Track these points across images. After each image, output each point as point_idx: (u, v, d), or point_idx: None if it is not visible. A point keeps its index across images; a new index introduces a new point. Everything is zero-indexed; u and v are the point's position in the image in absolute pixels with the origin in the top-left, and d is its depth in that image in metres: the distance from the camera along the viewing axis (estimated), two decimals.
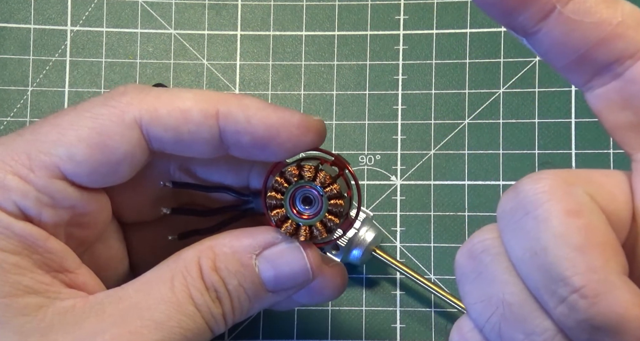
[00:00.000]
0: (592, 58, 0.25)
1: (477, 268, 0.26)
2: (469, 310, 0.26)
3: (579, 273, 0.23)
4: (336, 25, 0.45)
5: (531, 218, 0.24)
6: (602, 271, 0.23)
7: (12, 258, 0.29)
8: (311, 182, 0.31)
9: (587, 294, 0.23)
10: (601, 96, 0.26)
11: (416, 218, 0.44)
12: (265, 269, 0.31)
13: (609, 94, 0.26)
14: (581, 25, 0.25)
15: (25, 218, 0.30)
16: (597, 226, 0.24)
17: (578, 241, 0.23)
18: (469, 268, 0.26)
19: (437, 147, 0.44)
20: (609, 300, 0.23)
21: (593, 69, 0.26)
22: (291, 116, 0.31)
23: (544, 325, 0.24)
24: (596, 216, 0.24)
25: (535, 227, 0.24)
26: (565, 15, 0.25)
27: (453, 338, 0.27)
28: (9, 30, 0.45)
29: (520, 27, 0.26)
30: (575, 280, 0.23)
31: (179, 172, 0.35)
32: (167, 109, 0.31)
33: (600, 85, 0.26)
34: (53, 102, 0.45)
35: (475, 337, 0.26)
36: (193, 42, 0.46)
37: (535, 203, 0.24)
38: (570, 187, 0.24)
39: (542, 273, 0.24)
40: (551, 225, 0.24)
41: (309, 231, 0.31)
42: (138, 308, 0.30)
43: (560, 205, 0.24)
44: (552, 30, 0.25)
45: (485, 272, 0.26)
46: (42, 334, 0.29)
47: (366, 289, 0.43)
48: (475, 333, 0.26)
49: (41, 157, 0.30)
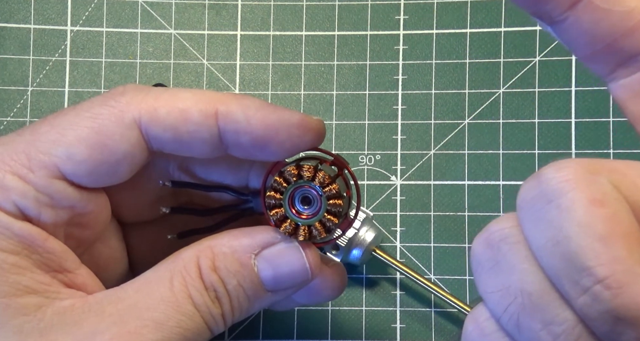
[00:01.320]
0: (619, 48, 0.25)
1: (494, 257, 0.26)
2: (485, 299, 0.26)
3: (603, 264, 0.23)
4: (336, 25, 0.45)
5: (554, 207, 0.24)
6: (627, 262, 0.23)
7: (11, 258, 0.29)
8: (310, 182, 0.31)
9: (611, 285, 0.23)
10: (626, 86, 0.26)
11: (416, 218, 0.44)
12: (264, 269, 0.31)
13: (633, 85, 0.26)
14: (610, 14, 0.25)
15: (25, 218, 0.30)
16: (621, 216, 0.23)
17: (602, 231, 0.23)
18: (486, 257, 0.26)
19: (437, 147, 0.44)
20: (633, 291, 0.23)
21: (618, 58, 0.26)
22: (290, 116, 0.31)
23: (564, 315, 0.24)
24: (621, 206, 0.24)
25: (558, 216, 0.24)
26: (594, 4, 0.25)
27: (467, 328, 0.27)
28: (9, 30, 0.45)
29: (547, 15, 0.26)
30: (599, 271, 0.23)
31: (179, 172, 0.35)
32: (167, 109, 0.31)
33: (625, 76, 0.26)
34: (53, 102, 0.45)
35: (492, 327, 0.26)
36: (193, 42, 0.46)
37: (558, 191, 0.24)
38: (594, 176, 0.24)
39: (564, 262, 0.24)
40: (575, 214, 0.23)
41: (308, 231, 0.31)
42: (137, 308, 0.30)
43: (584, 194, 0.23)
44: (579, 18, 0.25)
45: (503, 261, 0.25)
46: (42, 334, 0.29)
47: (366, 289, 0.43)
48: (492, 322, 0.26)
49: (40, 157, 0.30)
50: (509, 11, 0.45)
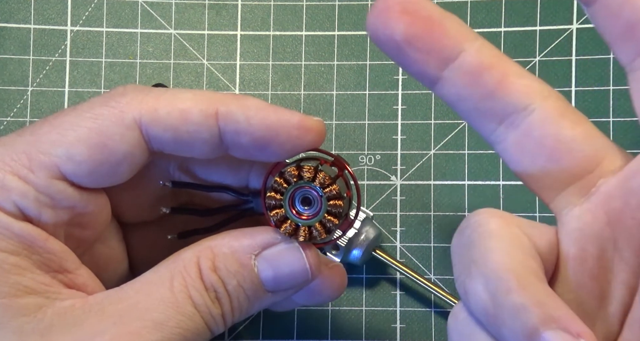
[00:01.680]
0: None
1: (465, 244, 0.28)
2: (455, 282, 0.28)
3: None
4: (336, 25, 0.45)
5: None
6: None
7: (11, 258, 0.29)
8: (310, 183, 0.31)
9: None
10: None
11: (416, 218, 0.44)
12: (264, 269, 0.31)
13: None
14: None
15: (25, 218, 0.30)
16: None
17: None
18: (456, 242, 0.28)
19: (437, 147, 0.44)
20: None
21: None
22: (291, 116, 0.31)
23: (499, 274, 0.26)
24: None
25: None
26: None
27: (449, 324, 0.28)
28: (9, 30, 0.45)
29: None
30: None
31: (179, 172, 0.35)
32: (167, 109, 0.31)
33: None
34: (53, 102, 0.45)
35: (463, 313, 0.27)
36: (193, 42, 0.46)
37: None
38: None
39: None
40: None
41: (308, 231, 0.31)
42: (137, 309, 0.30)
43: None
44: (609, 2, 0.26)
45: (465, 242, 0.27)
46: (41, 334, 0.29)
47: (366, 289, 0.43)
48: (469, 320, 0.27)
49: (41, 157, 0.30)
50: (509, 11, 0.45)
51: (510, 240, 0.26)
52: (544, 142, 0.27)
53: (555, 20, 0.44)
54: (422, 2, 0.27)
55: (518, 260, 0.26)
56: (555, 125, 0.27)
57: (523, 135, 0.27)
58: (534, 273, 0.26)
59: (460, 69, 0.27)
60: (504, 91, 0.27)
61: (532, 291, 0.25)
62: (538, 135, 0.27)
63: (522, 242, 0.27)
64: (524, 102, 0.27)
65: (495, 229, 0.27)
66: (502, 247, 0.26)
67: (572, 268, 0.27)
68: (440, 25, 0.27)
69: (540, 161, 0.27)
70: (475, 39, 0.27)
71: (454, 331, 0.28)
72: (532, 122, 0.27)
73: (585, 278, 0.27)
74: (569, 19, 0.44)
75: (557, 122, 0.27)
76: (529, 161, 0.28)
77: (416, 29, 0.27)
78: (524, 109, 0.27)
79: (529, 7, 0.45)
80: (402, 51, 0.27)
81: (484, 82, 0.27)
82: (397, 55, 0.27)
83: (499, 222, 0.27)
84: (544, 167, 0.27)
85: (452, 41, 0.27)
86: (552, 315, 0.24)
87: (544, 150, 0.27)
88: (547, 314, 0.24)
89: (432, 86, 0.28)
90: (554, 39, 0.44)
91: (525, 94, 0.27)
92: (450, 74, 0.27)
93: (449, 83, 0.27)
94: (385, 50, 0.27)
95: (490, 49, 0.27)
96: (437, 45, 0.27)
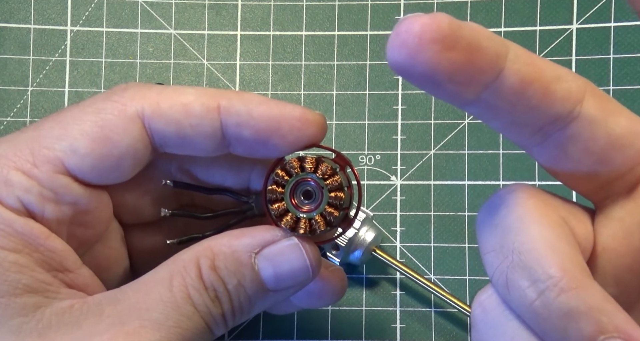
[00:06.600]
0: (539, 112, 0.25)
1: (493, 220, 0.26)
2: (483, 261, 0.27)
3: None
4: (336, 25, 0.45)
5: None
6: None
7: (12, 256, 0.29)
8: (312, 174, 0.31)
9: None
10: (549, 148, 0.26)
11: (416, 218, 0.44)
12: (264, 267, 0.31)
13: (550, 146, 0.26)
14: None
15: (28, 214, 0.30)
16: None
17: None
18: (487, 219, 0.27)
19: (437, 147, 0.44)
20: None
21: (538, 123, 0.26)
22: (292, 109, 0.31)
23: (549, 272, 0.24)
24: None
25: None
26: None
27: (472, 309, 0.27)
28: (9, 30, 0.45)
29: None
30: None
31: (180, 174, 0.35)
32: (169, 103, 0.31)
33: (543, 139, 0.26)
34: (53, 102, 0.45)
35: (492, 303, 0.26)
36: (193, 42, 0.46)
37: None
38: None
39: None
40: None
41: (309, 224, 0.31)
42: (136, 309, 0.29)
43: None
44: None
45: (500, 223, 0.26)
46: (40, 334, 0.29)
47: (366, 289, 0.43)
48: (493, 299, 0.26)
49: (44, 151, 0.30)
50: (509, 11, 0.45)
51: (554, 230, 0.25)
52: (592, 145, 0.26)
53: (555, 20, 0.44)
54: (453, 24, 0.24)
55: (567, 256, 0.24)
56: (602, 127, 0.25)
57: (568, 139, 0.26)
58: (585, 270, 0.24)
59: (502, 90, 0.24)
60: (547, 103, 0.25)
61: (588, 293, 0.23)
62: (585, 138, 0.25)
63: (565, 232, 0.25)
64: (568, 108, 0.25)
65: (537, 215, 0.25)
66: (548, 238, 0.24)
67: (611, 262, 0.26)
68: (478, 49, 0.24)
69: (587, 163, 0.26)
70: (507, 50, 0.25)
71: (481, 323, 0.26)
72: (577, 126, 0.25)
73: (625, 272, 0.26)
74: (569, 19, 0.44)
75: (603, 122, 0.25)
76: (574, 164, 0.26)
77: (457, 63, 0.23)
78: (567, 115, 0.25)
79: (529, 7, 0.45)
80: (439, 86, 0.24)
81: (528, 97, 0.25)
82: (432, 88, 0.24)
83: (539, 205, 0.25)
84: (592, 169, 0.26)
85: (491, 65, 0.24)
86: (613, 322, 0.23)
87: (593, 153, 0.26)
88: (607, 321, 0.23)
89: (465, 107, 0.26)
90: (554, 39, 0.44)
91: (567, 100, 0.25)
92: (490, 95, 0.25)
93: (486, 103, 0.25)
94: (416, 83, 0.24)
95: (524, 56, 0.25)
96: (477, 74, 0.24)
